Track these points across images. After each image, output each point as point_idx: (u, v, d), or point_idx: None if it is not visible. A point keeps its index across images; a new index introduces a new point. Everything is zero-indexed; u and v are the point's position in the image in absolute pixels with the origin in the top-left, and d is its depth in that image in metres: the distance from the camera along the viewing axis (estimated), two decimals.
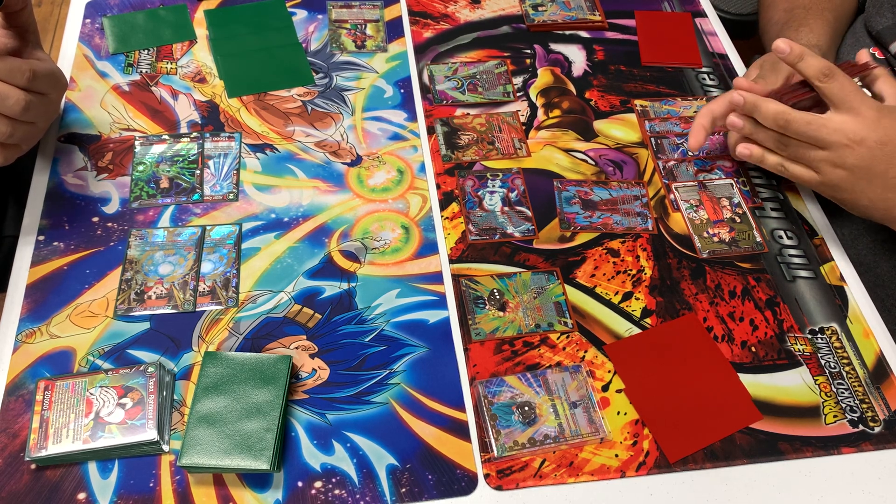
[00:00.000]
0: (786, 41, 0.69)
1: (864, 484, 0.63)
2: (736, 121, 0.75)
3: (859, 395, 0.67)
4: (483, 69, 0.92)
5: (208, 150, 0.82)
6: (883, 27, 0.84)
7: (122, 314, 0.69)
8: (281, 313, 0.70)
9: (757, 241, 0.78)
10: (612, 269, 0.75)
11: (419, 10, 0.99)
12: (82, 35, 0.93)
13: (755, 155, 0.75)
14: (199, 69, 0.90)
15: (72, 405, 0.61)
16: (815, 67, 0.69)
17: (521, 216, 0.78)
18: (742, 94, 0.72)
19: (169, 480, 0.60)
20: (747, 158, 0.76)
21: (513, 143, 0.85)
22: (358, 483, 0.61)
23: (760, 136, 0.74)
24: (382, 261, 0.74)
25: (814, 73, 0.69)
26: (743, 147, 0.76)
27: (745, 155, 0.76)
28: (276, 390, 0.62)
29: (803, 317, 0.73)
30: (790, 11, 0.89)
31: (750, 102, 0.72)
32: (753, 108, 0.72)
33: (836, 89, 0.68)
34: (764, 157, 0.75)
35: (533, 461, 0.63)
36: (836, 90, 0.68)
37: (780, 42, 0.69)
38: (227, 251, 0.74)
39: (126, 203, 0.77)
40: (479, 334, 0.70)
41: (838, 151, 0.69)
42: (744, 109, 0.73)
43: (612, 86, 0.92)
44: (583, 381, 0.67)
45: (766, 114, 0.71)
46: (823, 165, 0.70)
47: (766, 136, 0.73)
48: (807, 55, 0.69)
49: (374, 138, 0.85)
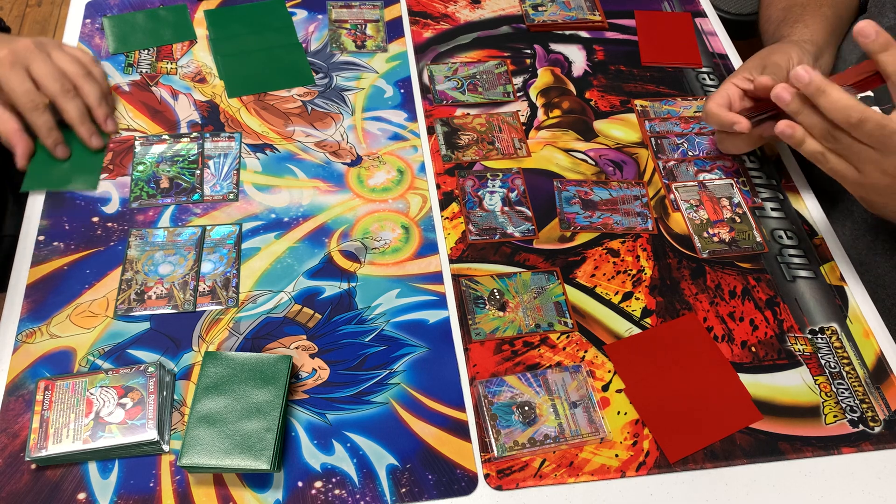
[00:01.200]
0: (873, 24, 0.61)
1: (864, 484, 0.63)
2: (784, 95, 0.66)
3: (859, 395, 0.67)
4: (483, 69, 0.92)
5: (208, 150, 0.82)
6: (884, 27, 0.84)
7: (122, 314, 0.69)
8: (281, 313, 0.70)
9: (757, 241, 0.78)
10: (612, 269, 0.75)
11: (419, 10, 0.99)
12: (82, 35, 0.93)
13: (797, 136, 0.67)
14: (199, 69, 0.90)
15: (72, 405, 0.61)
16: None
17: (521, 216, 0.79)
18: (809, 73, 0.63)
19: (169, 480, 0.61)
20: (787, 139, 0.68)
21: (513, 143, 0.85)
22: (358, 483, 0.61)
23: (809, 121, 0.66)
24: (382, 261, 0.74)
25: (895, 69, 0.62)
26: (786, 125, 0.68)
27: (787, 134, 0.68)
28: (276, 390, 0.62)
29: (803, 317, 0.73)
30: (788, 9, 0.88)
31: (817, 83, 0.63)
32: (818, 92, 0.63)
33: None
34: (804, 142, 0.67)
35: (533, 461, 0.63)
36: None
37: (866, 25, 0.61)
38: (227, 251, 0.74)
39: (126, 203, 0.77)
40: (479, 334, 0.70)
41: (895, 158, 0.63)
42: (807, 90, 0.64)
43: (612, 86, 0.92)
44: (583, 381, 0.67)
45: (834, 103, 0.63)
46: (872, 168, 0.65)
47: (815, 122, 0.66)
48: (893, 46, 0.61)
49: (374, 138, 0.85)
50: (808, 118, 0.66)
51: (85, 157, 0.80)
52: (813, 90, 0.64)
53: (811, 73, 0.63)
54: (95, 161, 0.80)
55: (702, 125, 0.87)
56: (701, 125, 0.87)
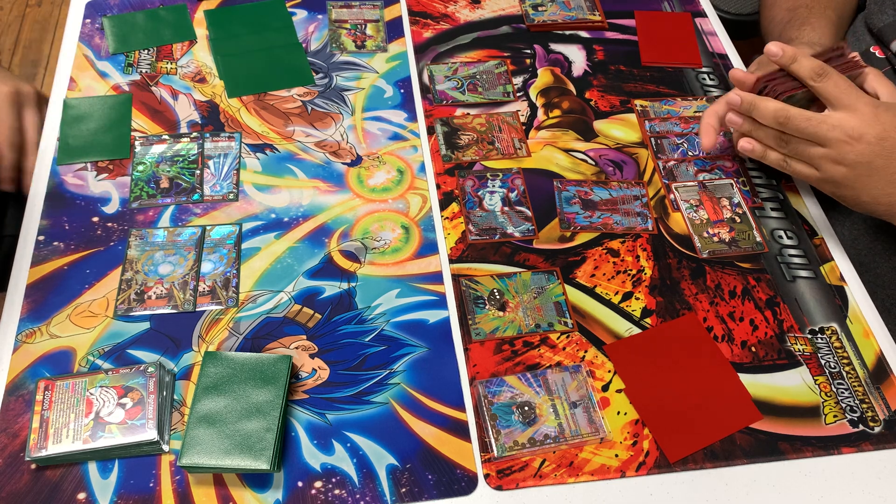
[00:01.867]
0: (777, 44, 0.69)
1: (864, 484, 0.63)
2: (735, 118, 0.75)
3: (859, 395, 0.67)
4: (483, 69, 0.92)
5: (208, 150, 0.82)
6: (884, 24, 0.84)
7: (122, 314, 0.69)
8: (281, 313, 0.70)
9: (757, 241, 0.78)
10: (612, 269, 0.75)
11: (419, 10, 0.99)
12: (82, 35, 0.93)
13: (757, 151, 0.75)
14: (199, 69, 0.90)
15: (72, 405, 0.61)
16: (808, 68, 0.69)
17: (521, 216, 0.78)
18: (739, 94, 0.73)
19: (169, 480, 0.61)
20: (749, 154, 0.76)
21: (513, 143, 0.85)
22: (358, 483, 0.61)
23: (760, 134, 0.74)
24: (382, 261, 0.74)
25: (807, 74, 0.69)
26: (745, 142, 0.75)
27: (748, 150, 0.75)
28: (276, 390, 0.62)
29: (803, 317, 0.73)
30: (793, 10, 0.88)
31: (747, 101, 0.72)
32: (751, 107, 0.72)
33: (830, 87, 0.68)
34: (766, 154, 0.74)
35: (533, 461, 0.63)
36: (831, 88, 0.68)
37: (771, 45, 0.70)
38: (227, 251, 0.74)
39: (126, 203, 0.77)
40: (479, 334, 0.70)
41: (838, 148, 0.68)
42: (742, 108, 0.73)
43: (612, 86, 0.92)
44: (583, 381, 0.67)
45: (764, 112, 0.71)
46: (823, 162, 0.70)
47: (765, 134, 0.73)
48: (799, 56, 0.69)
49: (374, 138, 0.85)
50: (759, 131, 0.74)
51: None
52: (746, 108, 0.72)
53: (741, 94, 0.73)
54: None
55: None
56: None
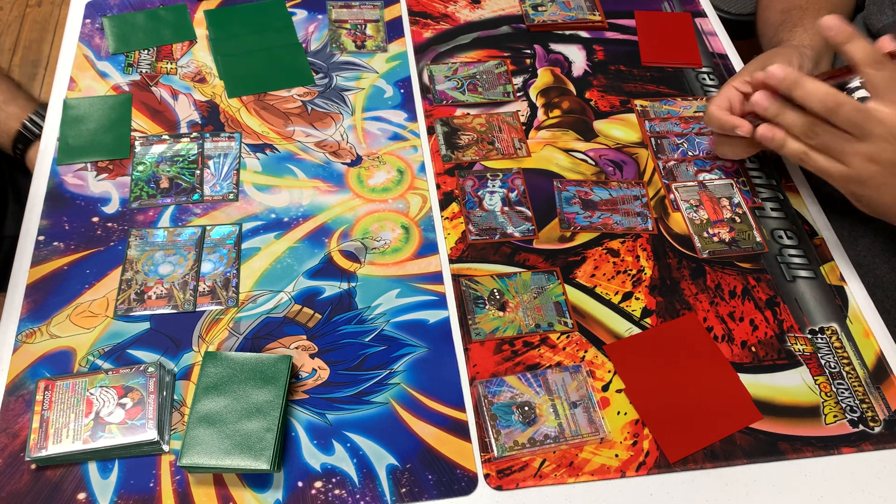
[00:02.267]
0: (837, 18, 0.62)
1: (864, 484, 0.63)
2: (762, 100, 0.67)
3: (859, 395, 0.67)
4: (483, 69, 0.92)
5: (208, 150, 0.82)
6: (883, 25, 0.83)
7: (122, 314, 0.69)
8: (281, 313, 0.70)
9: (757, 241, 0.78)
10: (612, 269, 0.75)
11: (419, 10, 0.99)
12: (82, 35, 0.93)
13: (777, 139, 0.68)
14: (199, 69, 0.90)
15: (72, 405, 0.61)
16: (866, 52, 0.62)
17: (521, 216, 0.79)
18: (783, 69, 0.65)
19: (169, 480, 0.61)
20: (768, 143, 0.69)
21: (513, 143, 0.85)
22: (358, 483, 0.61)
23: (788, 120, 0.67)
24: (382, 261, 0.74)
25: (864, 58, 0.62)
26: (765, 128, 0.69)
27: (767, 138, 0.69)
28: (276, 390, 0.62)
29: (803, 317, 0.73)
30: (786, 13, 0.87)
31: (792, 78, 0.64)
32: (794, 85, 0.64)
33: (885, 79, 0.62)
34: (786, 143, 0.68)
35: (533, 461, 0.63)
36: (886, 80, 0.62)
37: (829, 18, 0.62)
38: (227, 251, 0.74)
39: (126, 203, 0.77)
40: (479, 334, 0.70)
41: (878, 145, 0.63)
42: (782, 85, 0.65)
43: (612, 86, 0.92)
44: (583, 381, 0.67)
45: (811, 93, 0.63)
46: (856, 159, 0.65)
47: (794, 120, 0.66)
48: (857, 37, 0.62)
49: (374, 138, 0.85)
50: (787, 117, 0.67)
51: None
52: (789, 84, 0.64)
53: (785, 70, 0.64)
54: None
55: (702, 125, 0.87)
56: (701, 125, 0.87)
